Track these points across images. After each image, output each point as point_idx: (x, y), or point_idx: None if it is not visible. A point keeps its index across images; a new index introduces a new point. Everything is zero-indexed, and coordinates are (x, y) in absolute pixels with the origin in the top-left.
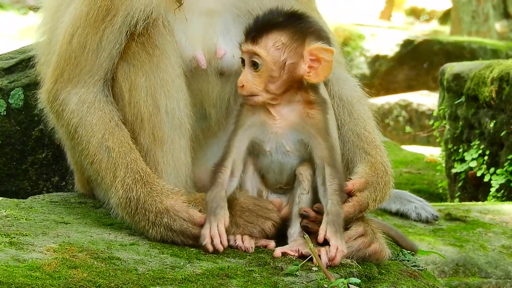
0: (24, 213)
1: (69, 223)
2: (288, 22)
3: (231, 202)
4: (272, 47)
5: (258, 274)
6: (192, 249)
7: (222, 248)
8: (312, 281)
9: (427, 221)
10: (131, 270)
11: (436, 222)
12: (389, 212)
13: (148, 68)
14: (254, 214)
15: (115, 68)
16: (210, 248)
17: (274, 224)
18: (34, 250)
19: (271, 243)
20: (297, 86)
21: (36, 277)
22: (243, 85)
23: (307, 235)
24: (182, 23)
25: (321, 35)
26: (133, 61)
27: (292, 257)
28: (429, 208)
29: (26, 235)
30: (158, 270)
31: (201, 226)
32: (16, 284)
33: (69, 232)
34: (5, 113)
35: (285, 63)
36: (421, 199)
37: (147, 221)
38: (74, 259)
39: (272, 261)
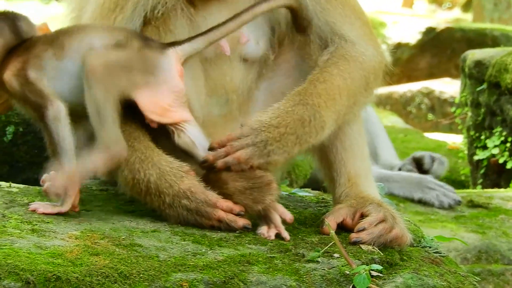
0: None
1: (90, 211)
2: None
3: (223, 188)
4: None
5: (280, 260)
6: (213, 236)
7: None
8: (333, 267)
9: (450, 207)
10: (152, 257)
11: (459, 209)
12: (411, 200)
13: None
14: (255, 189)
15: None
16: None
17: (275, 183)
18: (56, 237)
19: (285, 233)
20: None
21: (58, 264)
22: None
23: (327, 220)
24: (204, 10)
25: None
26: None
27: None
28: (450, 194)
29: (48, 222)
30: (180, 257)
31: (216, 206)
32: (38, 271)
33: (91, 219)
34: None
35: None
36: (441, 184)
37: (162, 203)
38: (95, 246)
39: (293, 248)
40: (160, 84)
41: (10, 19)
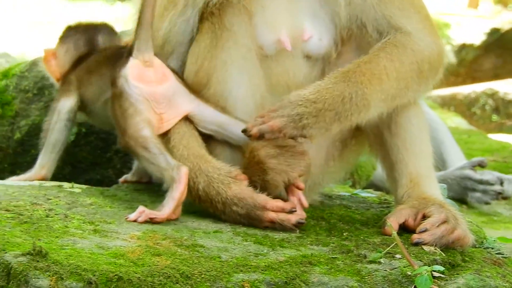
0: (109, 201)
1: None
2: None
3: (255, 155)
4: None
5: (341, 261)
6: (275, 237)
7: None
8: (395, 268)
9: (497, 199)
10: (214, 258)
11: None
12: (466, 203)
13: (213, 49)
14: (288, 156)
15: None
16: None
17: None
18: (118, 238)
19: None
20: None
21: (120, 265)
22: None
23: (389, 221)
24: (264, 5)
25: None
26: (200, 42)
27: None
28: (490, 189)
29: (110, 223)
30: (241, 257)
31: (266, 208)
32: (100, 271)
33: None
34: None
35: None
36: (481, 177)
37: (216, 209)
38: (157, 246)
39: (355, 249)
40: (138, 103)
41: (90, 32)
